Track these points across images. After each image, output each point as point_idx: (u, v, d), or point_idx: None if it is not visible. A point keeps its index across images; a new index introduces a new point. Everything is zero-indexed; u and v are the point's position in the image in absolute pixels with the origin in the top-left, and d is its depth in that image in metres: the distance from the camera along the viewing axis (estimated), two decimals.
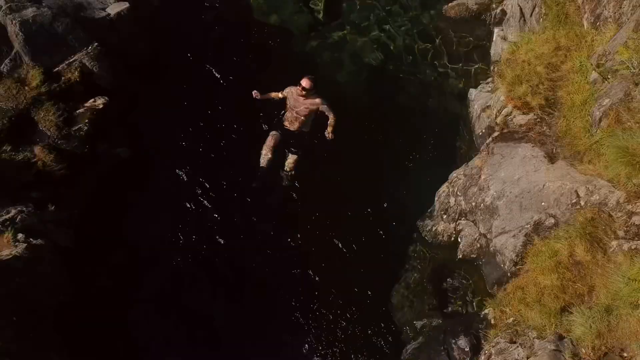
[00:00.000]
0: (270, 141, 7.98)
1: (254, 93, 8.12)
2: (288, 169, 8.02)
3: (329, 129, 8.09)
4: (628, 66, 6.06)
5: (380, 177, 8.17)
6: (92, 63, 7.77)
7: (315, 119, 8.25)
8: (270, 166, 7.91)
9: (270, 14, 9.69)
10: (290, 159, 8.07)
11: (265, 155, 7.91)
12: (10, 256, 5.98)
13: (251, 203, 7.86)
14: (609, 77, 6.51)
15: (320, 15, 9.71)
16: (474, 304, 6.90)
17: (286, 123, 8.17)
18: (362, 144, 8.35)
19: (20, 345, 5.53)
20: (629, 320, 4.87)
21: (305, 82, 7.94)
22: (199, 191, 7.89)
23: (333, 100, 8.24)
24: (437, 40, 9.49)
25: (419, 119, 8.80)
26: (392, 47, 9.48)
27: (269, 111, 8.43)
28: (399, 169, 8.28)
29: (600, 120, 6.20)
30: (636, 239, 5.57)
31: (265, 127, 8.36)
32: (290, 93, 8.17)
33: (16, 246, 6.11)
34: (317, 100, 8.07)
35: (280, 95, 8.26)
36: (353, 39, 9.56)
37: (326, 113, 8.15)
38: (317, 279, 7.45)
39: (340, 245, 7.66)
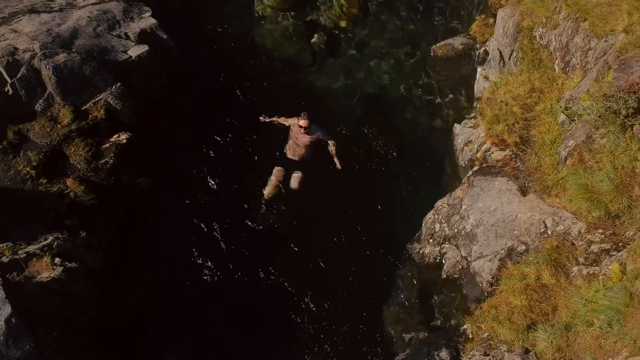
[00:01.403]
0: (274, 180, 8.61)
1: (262, 118, 8.91)
2: (293, 187, 8.63)
3: (335, 158, 8.68)
4: (589, 112, 6.80)
5: (373, 204, 8.83)
6: (115, 101, 8.45)
7: (316, 145, 8.89)
8: (272, 201, 8.56)
9: (276, 51, 10.53)
10: (295, 177, 8.67)
11: (270, 192, 8.56)
12: (49, 278, 6.65)
13: (255, 223, 8.55)
14: (575, 119, 7.17)
15: (320, 53, 10.53)
16: (456, 319, 7.42)
17: (289, 155, 8.84)
18: (356, 172, 8.98)
19: (62, 357, 6.26)
20: (585, 337, 5.45)
21: (303, 122, 8.57)
22: (210, 214, 8.61)
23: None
24: (426, 77, 10.21)
25: (409, 150, 9.48)
26: (384, 82, 10.22)
27: (275, 140, 9.07)
28: (391, 197, 8.93)
29: (565, 159, 6.90)
30: (594, 265, 6.19)
31: (272, 137, 9.00)
32: (293, 126, 8.82)
33: (54, 269, 6.79)
34: (317, 134, 8.78)
35: (286, 123, 8.91)
36: (348, 75, 10.32)
37: (326, 139, 8.75)
38: (314, 294, 8.04)
39: (336, 264, 8.27)
